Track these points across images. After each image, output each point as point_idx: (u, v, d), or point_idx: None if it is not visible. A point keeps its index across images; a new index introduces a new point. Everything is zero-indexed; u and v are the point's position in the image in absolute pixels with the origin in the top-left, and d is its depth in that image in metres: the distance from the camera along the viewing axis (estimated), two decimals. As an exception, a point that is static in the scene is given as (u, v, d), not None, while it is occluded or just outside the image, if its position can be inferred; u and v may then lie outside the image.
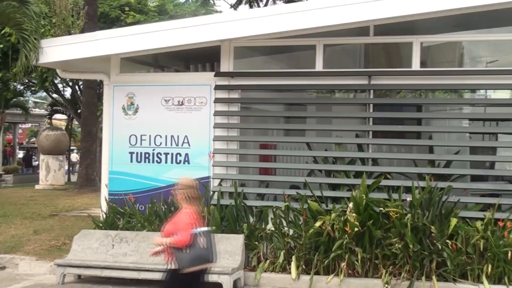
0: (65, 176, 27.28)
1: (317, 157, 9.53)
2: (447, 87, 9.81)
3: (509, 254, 8.02)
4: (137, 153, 9.94)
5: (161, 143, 9.85)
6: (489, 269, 8.07)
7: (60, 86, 27.94)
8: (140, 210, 9.70)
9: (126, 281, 8.61)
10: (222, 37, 9.30)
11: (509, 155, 9.39)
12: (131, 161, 9.95)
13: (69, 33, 20.55)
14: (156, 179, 9.81)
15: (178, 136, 9.80)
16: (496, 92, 11.24)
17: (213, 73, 9.80)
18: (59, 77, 19.69)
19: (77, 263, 8.78)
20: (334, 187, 9.25)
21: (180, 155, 9.78)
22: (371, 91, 9.36)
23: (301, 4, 8.91)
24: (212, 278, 8.19)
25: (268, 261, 8.89)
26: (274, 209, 9.10)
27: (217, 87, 9.68)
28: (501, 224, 8.26)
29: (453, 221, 8.18)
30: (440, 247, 8.09)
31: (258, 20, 9.06)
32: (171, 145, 9.82)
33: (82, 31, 20.76)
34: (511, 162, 9.33)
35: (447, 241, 8.17)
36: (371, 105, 9.34)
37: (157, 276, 8.33)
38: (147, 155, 9.89)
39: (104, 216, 9.85)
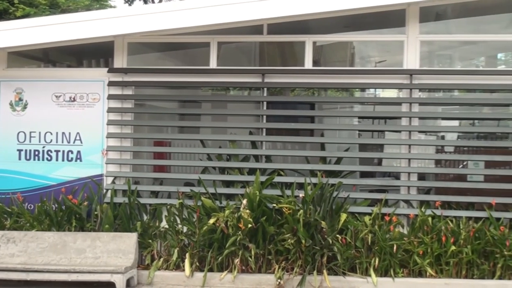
0: None
1: (211, 154, 9.55)
2: (338, 86, 10.06)
3: (395, 248, 8.37)
4: (26, 150, 9.60)
5: (51, 140, 9.57)
6: (376, 262, 8.37)
7: None
8: (29, 209, 9.38)
9: (13, 282, 8.31)
10: (115, 32, 9.14)
11: (395, 152, 9.76)
12: (20, 158, 9.60)
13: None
14: (46, 177, 9.52)
15: (69, 133, 9.55)
16: (385, 91, 11.72)
17: (107, 69, 9.63)
18: None
19: (-41, 265, 8.38)
20: (228, 184, 9.30)
21: (72, 153, 9.54)
22: (265, 89, 9.48)
23: (195, 1, 8.88)
24: (105, 277, 8.10)
25: (162, 259, 8.83)
26: (168, 207, 9.08)
27: (111, 84, 9.52)
28: (387, 218, 8.59)
29: (343, 216, 8.42)
30: (330, 241, 8.28)
31: (151, 16, 8.95)
32: (63, 142, 9.56)
33: (-33, 23, 19.79)
34: (397, 159, 9.69)
35: (338, 235, 8.39)
36: (265, 103, 9.46)
37: (47, 276, 8.14)
38: (36, 153, 9.58)
39: (-10, 216, 9.46)
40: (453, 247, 8.29)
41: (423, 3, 9.09)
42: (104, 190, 9.35)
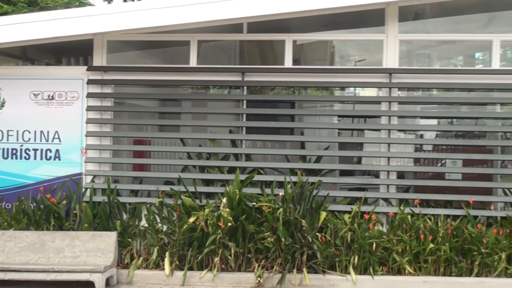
0: None
1: (191, 153, 9.54)
2: (318, 85, 10.06)
3: (374, 246, 8.43)
4: (3, 149, 9.50)
5: (29, 138, 9.49)
6: (356, 260, 8.44)
7: None
8: (7, 209, 9.31)
9: (-9, 282, 8.27)
10: (94, 30, 9.07)
11: (375, 151, 9.81)
12: (-3, 157, 9.56)
13: None
14: (24, 176, 9.44)
15: (48, 131, 9.48)
16: (364, 90, 11.76)
17: (86, 67, 9.57)
18: None
19: None
20: (208, 182, 9.29)
21: (51, 151, 9.47)
22: (245, 87, 9.48)
23: (175, -1, 8.88)
24: (84, 276, 8.07)
25: (141, 258, 8.82)
26: (148, 205, 9.07)
27: (90, 82, 9.47)
28: (366, 217, 8.65)
29: (323, 214, 8.46)
30: (310, 240, 8.30)
31: (131, 14, 8.91)
32: (41, 140, 9.49)
33: None
34: (376, 157, 9.75)
35: (317, 234, 8.43)
36: (245, 102, 9.45)
37: (25, 276, 8.09)
38: (14, 151, 9.49)
39: (-34, 215, 9.36)
40: (431, 245, 8.37)
41: (402, 3, 9.15)
42: (83, 189, 9.30)
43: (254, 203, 8.56)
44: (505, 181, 9.44)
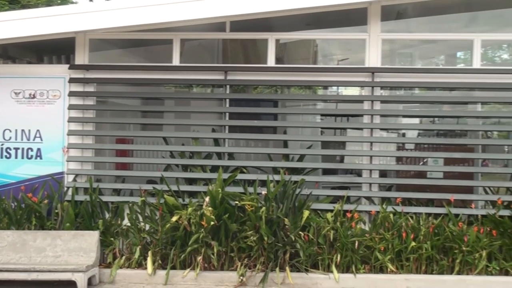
0: None
1: (174, 152, 9.53)
2: (301, 84, 10.10)
3: (356, 244, 8.46)
4: (-17, 148, 9.47)
5: (10, 137, 9.43)
6: (338, 259, 8.47)
7: None
8: (-12, 208, 9.24)
9: (-29, 282, 8.19)
10: (76, 28, 9.03)
11: (357, 149, 9.84)
12: (-22, 156, 9.48)
13: None
14: (5, 175, 9.38)
15: (29, 130, 9.42)
16: (347, 89, 11.79)
17: (68, 65, 9.52)
18: None
19: None
20: (191, 181, 9.29)
21: (32, 150, 9.41)
22: (228, 86, 9.48)
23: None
24: (66, 276, 8.03)
25: (124, 257, 8.78)
26: (130, 205, 9.02)
27: (72, 80, 9.42)
28: (349, 215, 8.68)
29: (306, 213, 8.48)
30: (293, 238, 8.33)
31: (114, 12, 8.85)
32: (22, 139, 9.43)
33: None
34: (359, 156, 9.78)
35: (300, 232, 8.47)
36: (227, 100, 9.46)
37: (6, 276, 8.03)
38: (-5, 150, 9.46)
39: None
40: (413, 243, 8.41)
41: (384, 2, 9.19)
42: (65, 188, 9.25)
43: (237, 202, 8.56)
44: (486, 179, 9.52)
